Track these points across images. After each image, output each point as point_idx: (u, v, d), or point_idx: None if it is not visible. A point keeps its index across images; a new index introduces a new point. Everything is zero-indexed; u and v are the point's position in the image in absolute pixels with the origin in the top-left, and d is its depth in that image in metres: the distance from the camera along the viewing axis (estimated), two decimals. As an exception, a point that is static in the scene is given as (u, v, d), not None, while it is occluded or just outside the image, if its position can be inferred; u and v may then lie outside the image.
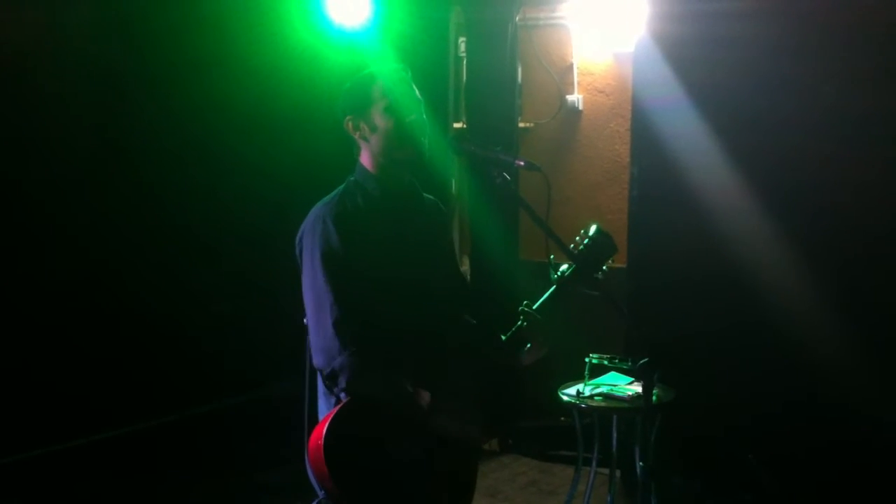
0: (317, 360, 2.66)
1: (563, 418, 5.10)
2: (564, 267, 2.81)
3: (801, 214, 4.37)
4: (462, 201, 5.95)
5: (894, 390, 4.17)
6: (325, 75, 4.90)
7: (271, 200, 5.07)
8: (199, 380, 5.17)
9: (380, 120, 2.74)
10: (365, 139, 2.78)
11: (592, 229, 2.85)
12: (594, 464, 4.25)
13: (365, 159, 2.81)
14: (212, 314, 5.23)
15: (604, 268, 2.84)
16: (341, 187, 2.82)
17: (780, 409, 4.45)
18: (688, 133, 4.54)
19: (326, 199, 2.79)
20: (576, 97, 5.76)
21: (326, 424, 2.52)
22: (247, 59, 5.06)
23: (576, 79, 5.76)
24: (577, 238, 2.85)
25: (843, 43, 4.22)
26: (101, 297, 4.86)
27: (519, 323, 2.79)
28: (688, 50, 4.55)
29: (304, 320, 2.77)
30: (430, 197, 2.98)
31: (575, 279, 2.80)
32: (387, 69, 2.83)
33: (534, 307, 2.80)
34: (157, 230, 5.10)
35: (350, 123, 2.79)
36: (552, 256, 2.81)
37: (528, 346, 2.80)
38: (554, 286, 2.81)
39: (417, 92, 2.80)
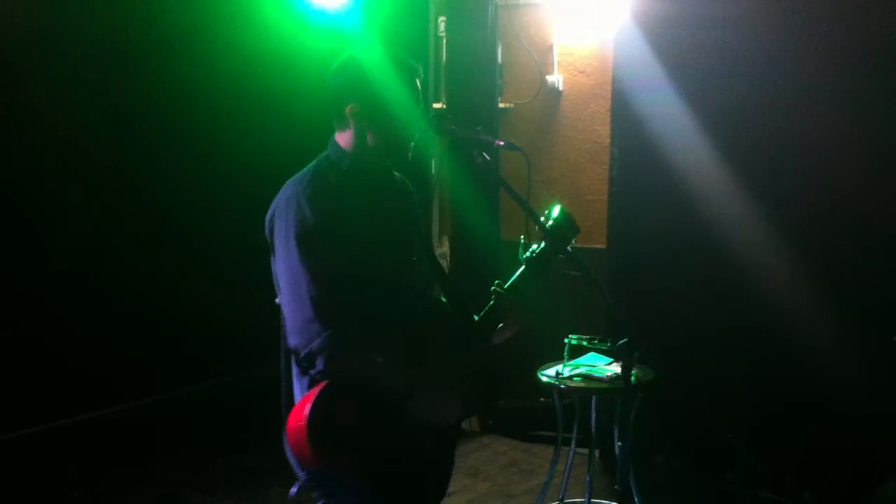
0: (293, 340, 2.61)
1: (542, 399, 5.12)
2: (534, 247, 2.84)
3: (782, 195, 4.38)
4: (443, 181, 5.93)
5: (872, 377, 4.20)
6: (306, 58, 4.87)
7: (248, 186, 5.03)
8: (181, 363, 5.17)
9: (385, 114, 2.70)
10: (366, 128, 2.73)
11: (556, 210, 2.86)
12: (573, 444, 4.27)
13: (343, 139, 2.78)
14: (190, 301, 5.21)
15: (568, 248, 2.85)
16: (313, 164, 2.78)
17: (763, 389, 4.48)
18: (668, 114, 4.54)
19: (297, 176, 2.75)
20: (556, 77, 5.74)
21: (310, 403, 2.49)
22: (225, 43, 5.01)
23: (556, 59, 5.74)
24: (542, 219, 2.85)
25: (824, 22, 4.21)
26: (79, 286, 4.84)
27: (491, 303, 2.81)
28: (668, 30, 4.54)
29: (277, 300, 2.75)
30: (399, 175, 2.97)
31: (543, 258, 2.83)
32: (398, 58, 2.76)
33: (505, 287, 2.82)
34: (131, 216, 5.07)
35: (354, 109, 2.72)
36: (522, 237, 2.84)
37: (501, 325, 2.82)
38: (524, 266, 2.84)
39: (419, 84, 2.76)
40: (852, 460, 4.29)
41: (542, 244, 2.83)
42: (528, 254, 2.84)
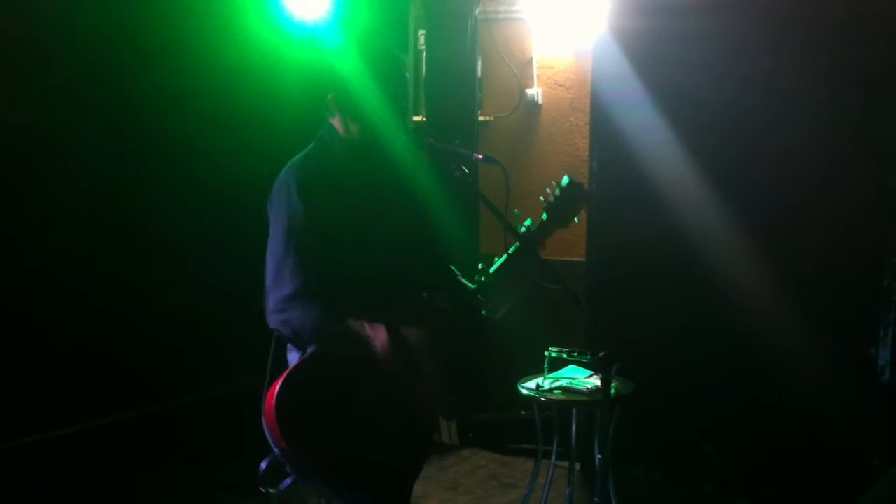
0: (273, 319, 2.73)
1: (523, 412, 5.12)
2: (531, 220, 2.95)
3: (759, 208, 4.42)
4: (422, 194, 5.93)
5: (850, 386, 4.23)
6: (285, 70, 4.87)
7: (231, 194, 5.03)
8: (156, 377, 5.12)
9: (354, 108, 2.80)
10: (348, 119, 2.82)
11: (564, 180, 2.96)
12: (554, 457, 4.26)
13: (336, 122, 2.87)
14: (169, 311, 5.18)
15: (575, 219, 2.98)
16: (310, 146, 2.88)
17: (740, 401, 4.50)
18: (647, 127, 4.57)
19: (295, 159, 2.85)
20: (535, 91, 5.77)
21: (279, 384, 2.59)
22: (205, 54, 5.00)
23: (535, 72, 5.77)
24: (548, 190, 2.97)
25: (799, 38, 4.26)
26: (58, 295, 4.78)
27: (483, 280, 2.93)
28: (647, 45, 4.57)
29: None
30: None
31: (544, 230, 2.94)
32: (381, 53, 2.86)
33: (492, 269, 2.94)
34: (113, 226, 5.04)
35: (333, 101, 2.83)
36: (517, 210, 2.93)
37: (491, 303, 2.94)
38: (519, 241, 2.90)
39: (407, 76, 2.91)
40: (833, 470, 4.30)
41: (544, 216, 2.93)
42: (524, 227, 2.93)
